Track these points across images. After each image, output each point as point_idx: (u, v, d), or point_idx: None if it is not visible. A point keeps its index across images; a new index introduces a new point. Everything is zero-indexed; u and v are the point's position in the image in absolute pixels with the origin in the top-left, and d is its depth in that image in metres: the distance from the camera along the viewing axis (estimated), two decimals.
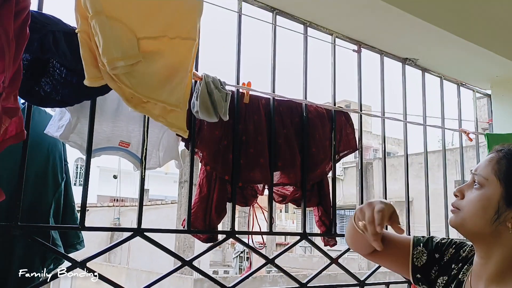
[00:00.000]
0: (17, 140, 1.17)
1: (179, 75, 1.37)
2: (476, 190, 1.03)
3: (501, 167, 1.01)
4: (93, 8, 1.18)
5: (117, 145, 1.56)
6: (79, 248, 1.63)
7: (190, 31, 1.39)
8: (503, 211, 0.97)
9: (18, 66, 1.09)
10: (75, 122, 1.45)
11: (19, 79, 1.10)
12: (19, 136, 1.17)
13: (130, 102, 1.29)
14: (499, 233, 0.98)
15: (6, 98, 1.07)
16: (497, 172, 1.01)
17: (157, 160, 1.65)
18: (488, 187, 1.01)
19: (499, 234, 0.99)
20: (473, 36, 2.26)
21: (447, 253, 1.18)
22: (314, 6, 1.93)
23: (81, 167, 20.46)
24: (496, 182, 1.00)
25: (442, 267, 1.16)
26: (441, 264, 1.17)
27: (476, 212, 1.01)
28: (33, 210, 1.48)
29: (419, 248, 1.21)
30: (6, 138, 1.14)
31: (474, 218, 1.01)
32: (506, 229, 0.97)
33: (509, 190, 0.98)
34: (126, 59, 1.21)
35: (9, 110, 1.08)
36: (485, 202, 1.00)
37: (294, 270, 10.11)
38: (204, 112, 1.53)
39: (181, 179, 10.93)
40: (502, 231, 0.98)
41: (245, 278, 1.82)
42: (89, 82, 1.22)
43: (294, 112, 1.89)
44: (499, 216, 0.97)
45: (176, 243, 10.50)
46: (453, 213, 1.06)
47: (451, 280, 1.12)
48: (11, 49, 1.05)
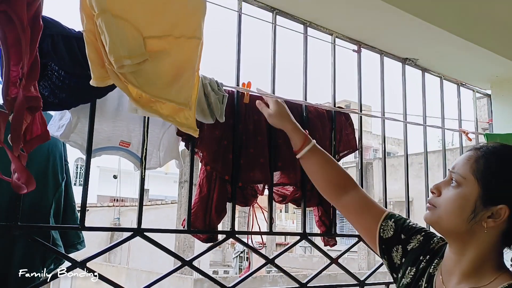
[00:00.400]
0: (42, 140, 1.16)
1: (186, 74, 1.36)
2: (453, 188, 1.03)
3: (479, 166, 1.01)
4: (98, 6, 1.18)
5: (118, 144, 1.56)
6: (79, 248, 1.63)
7: (195, 30, 1.39)
8: (480, 210, 0.98)
9: (35, 56, 1.09)
10: (76, 121, 1.45)
11: (37, 69, 1.09)
12: (45, 136, 1.16)
13: (138, 102, 1.28)
14: (474, 231, 0.99)
15: (26, 86, 1.06)
16: (475, 172, 1.01)
17: (158, 160, 1.65)
18: (466, 186, 1.01)
19: (474, 233, 0.99)
20: (473, 36, 2.26)
21: (414, 239, 1.19)
22: (314, 6, 1.93)
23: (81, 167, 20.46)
24: (474, 181, 1.00)
25: (408, 254, 1.18)
26: (407, 248, 1.19)
27: (453, 210, 1.01)
28: (34, 210, 1.47)
29: (389, 222, 1.24)
30: (34, 137, 1.13)
31: (451, 216, 1.02)
32: (481, 228, 0.98)
33: (486, 190, 0.98)
34: (133, 58, 1.20)
35: (31, 99, 1.07)
36: (462, 201, 1.00)
37: (294, 270, 10.13)
38: (200, 114, 1.53)
39: (181, 179, 10.95)
40: (477, 230, 0.99)
41: (245, 278, 1.82)
42: (96, 82, 1.21)
43: (294, 112, 1.88)
44: (475, 216, 0.98)
45: (176, 243, 10.52)
46: (429, 210, 1.07)
47: (421, 273, 1.13)
48: (26, 36, 1.04)
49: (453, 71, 2.63)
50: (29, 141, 1.12)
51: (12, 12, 1.02)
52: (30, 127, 1.12)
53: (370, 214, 1.28)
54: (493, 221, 0.97)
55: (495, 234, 0.99)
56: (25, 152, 1.11)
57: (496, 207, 0.97)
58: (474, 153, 1.04)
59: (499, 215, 0.96)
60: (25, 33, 1.04)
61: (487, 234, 0.98)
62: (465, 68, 2.59)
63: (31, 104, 1.07)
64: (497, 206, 0.96)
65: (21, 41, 1.03)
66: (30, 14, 1.07)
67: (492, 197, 0.98)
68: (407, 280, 1.15)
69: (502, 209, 0.96)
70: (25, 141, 1.11)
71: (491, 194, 0.98)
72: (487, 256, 0.99)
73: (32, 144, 1.13)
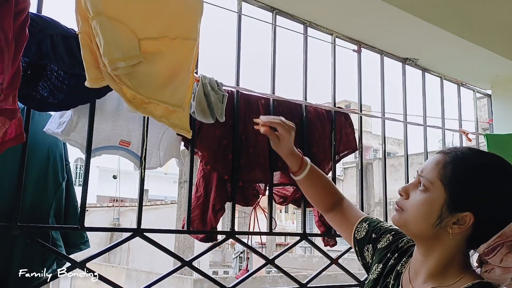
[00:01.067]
0: (16, 142, 1.17)
1: (181, 76, 1.36)
2: (421, 192, 1.03)
3: (447, 172, 1.01)
4: (93, 8, 1.18)
5: (118, 144, 1.56)
6: (83, 248, 1.61)
7: (191, 31, 1.39)
8: (445, 216, 0.98)
9: (17, 67, 1.09)
10: (76, 120, 1.45)
11: (18, 80, 1.10)
12: (19, 138, 1.17)
13: (132, 103, 1.28)
14: (439, 236, 1.00)
15: (4, 99, 1.06)
16: (443, 177, 1.01)
17: (158, 160, 1.65)
18: (433, 191, 1.01)
19: (439, 237, 1.00)
20: (473, 36, 2.26)
21: (384, 237, 1.22)
22: (314, 6, 1.93)
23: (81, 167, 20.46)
24: (441, 187, 1.00)
25: (377, 252, 1.21)
26: (376, 247, 1.22)
27: (419, 215, 1.02)
28: (34, 210, 1.47)
29: (364, 224, 1.30)
30: (6, 140, 1.13)
31: (417, 221, 1.02)
32: (447, 234, 0.99)
33: (452, 196, 0.99)
34: (127, 60, 1.20)
35: (8, 111, 1.07)
36: (428, 207, 1.01)
37: (294, 271, 10.13)
38: (200, 113, 1.53)
39: (181, 179, 10.94)
40: (442, 235, 1.00)
41: (244, 278, 1.81)
42: (90, 83, 1.22)
43: (293, 112, 1.89)
44: (441, 221, 0.99)
45: (175, 243, 10.51)
46: (397, 212, 1.07)
47: (389, 270, 1.15)
48: (10, 50, 1.04)
49: (453, 71, 2.63)
50: (0, 144, 1.11)
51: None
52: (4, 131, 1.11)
53: (351, 220, 1.34)
54: (458, 228, 0.98)
55: (460, 239, 1.00)
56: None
57: (462, 214, 0.97)
58: (443, 158, 1.04)
59: (464, 222, 0.97)
60: (9, 47, 1.03)
61: (452, 239, 0.99)
62: (465, 68, 2.59)
63: (7, 116, 1.07)
64: (463, 213, 0.97)
65: (4, 56, 1.03)
66: (17, 24, 1.07)
67: (458, 204, 0.98)
68: (374, 276, 1.17)
69: (467, 216, 0.97)
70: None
71: (457, 201, 0.98)
72: (452, 258, 1.01)
73: (3, 147, 1.13)
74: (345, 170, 17.74)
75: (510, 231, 0.93)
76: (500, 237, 0.94)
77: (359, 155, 2.21)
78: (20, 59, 1.10)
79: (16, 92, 1.10)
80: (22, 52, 1.11)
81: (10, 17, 1.05)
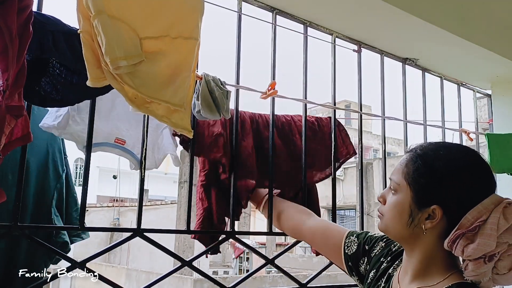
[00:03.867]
0: (23, 142, 1.17)
1: (182, 75, 1.36)
2: (392, 195, 1.06)
3: (409, 170, 1.04)
4: (95, 7, 1.18)
5: (113, 141, 1.57)
6: (84, 237, 1.68)
7: (193, 30, 1.39)
8: (416, 214, 1.01)
9: (22, 64, 1.09)
10: (73, 114, 1.47)
11: (23, 77, 1.09)
12: (26, 138, 1.17)
13: (133, 102, 1.29)
14: (417, 234, 1.02)
15: (10, 96, 1.06)
16: (406, 176, 1.03)
17: (153, 161, 1.66)
18: (401, 192, 1.04)
19: (417, 236, 1.02)
20: (473, 36, 2.26)
21: (377, 245, 1.24)
22: (314, 6, 1.93)
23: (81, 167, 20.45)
24: (406, 186, 1.03)
25: (372, 260, 1.22)
26: (371, 256, 1.23)
27: (393, 218, 1.05)
28: (37, 202, 1.53)
29: (352, 238, 1.30)
30: (13, 140, 1.13)
31: (393, 223, 1.05)
32: (423, 231, 1.01)
33: (417, 193, 1.01)
34: (129, 59, 1.20)
35: (14, 108, 1.07)
36: (399, 208, 1.03)
37: (294, 271, 10.12)
38: (206, 110, 1.52)
39: (181, 179, 10.94)
40: (419, 233, 1.02)
41: (245, 278, 1.81)
42: (92, 82, 1.22)
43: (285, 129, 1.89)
44: (413, 220, 1.01)
45: (176, 243, 10.51)
46: (379, 218, 1.10)
47: (381, 273, 1.16)
48: (14, 46, 1.04)
49: (453, 71, 2.63)
50: (7, 144, 1.11)
51: (2, 20, 1.01)
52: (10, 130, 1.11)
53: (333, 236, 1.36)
54: (430, 222, 0.99)
55: (436, 234, 1.00)
56: (1, 155, 1.10)
57: (430, 208, 0.99)
58: (405, 157, 1.07)
59: (435, 216, 0.98)
60: (13, 44, 1.03)
61: (428, 235, 1.01)
62: (466, 68, 2.59)
63: (13, 113, 1.07)
64: (430, 207, 0.99)
65: (8, 51, 1.03)
66: (21, 21, 1.07)
67: (423, 199, 1.00)
68: (368, 281, 1.19)
69: (435, 209, 0.98)
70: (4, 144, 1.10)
71: (421, 196, 1.00)
72: (433, 256, 1.02)
73: (10, 147, 1.13)
74: (345, 170, 17.73)
75: (467, 221, 0.95)
76: (459, 229, 0.95)
77: (359, 155, 2.21)
78: (24, 56, 1.10)
79: (21, 90, 1.10)
80: (27, 49, 1.11)
81: (14, 13, 1.04)
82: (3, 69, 1.04)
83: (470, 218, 0.94)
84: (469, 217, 0.94)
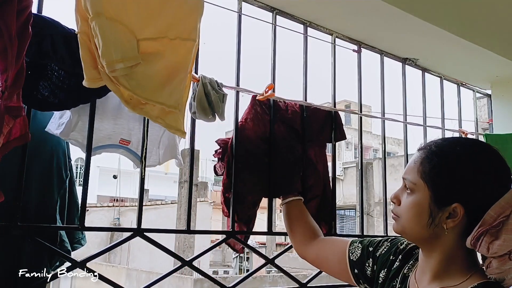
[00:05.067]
0: (21, 142, 1.17)
1: (179, 77, 1.37)
2: (408, 195, 1.03)
3: (425, 168, 1.00)
4: (93, 9, 1.18)
5: (118, 142, 1.57)
6: (83, 243, 1.66)
7: (191, 32, 1.39)
8: (436, 214, 0.97)
9: (21, 65, 1.09)
10: (76, 120, 1.45)
11: (22, 78, 1.10)
12: (24, 138, 1.17)
13: (128, 103, 1.29)
14: (437, 235, 0.99)
15: (9, 97, 1.06)
16: (422, 175, 1.00)
17: (157, 158, 1.65)
18: (418, 192, 1.00)
19: (437, 236, 0.99)
20: (473, 36, 2.26)
21: (382, 245, 1.21)
22: (314, 6, 1.93)
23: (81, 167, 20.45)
24: (424, 185, 0.99)
25: (379, 260, 1.19)
26: (376, 256, 1.20)
27: (412, 219, 1.01)
28: (40, 208, 1.49)
29: (355, 244, 1.28)
30: (11, 140, 1.13)
31: (411, 225, 1.01)
32: (443, 230, 0.98)
33: (436, 192, 0.98)
34: (126, 61, 1.21)
35: (13, 109, 1.07)
36: (417, 209, 1.00)
37: (294, 270, 10.12)
38: (201, 112, 1.53)
39: (181, 179, 10.95)
40: (439, 233, 0.98)
41: (245, 278, 1.81)
42: (88, 83, 1.22)
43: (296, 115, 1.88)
44: (433, 220, 0.98)
45: (176, 243, 10.52)
46: (394, 220, 1.06)
47: (395, 273, 1.13)
48: (13, 47, 1.04)
49: (453, 71, 2.63)
50: (5, 144, 1.11)
51: (1, 21, 1.01)
52: (9, 130, 1.11)
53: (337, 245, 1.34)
54: (452, 221, 0.96)
55: (456, 233, 0.98)
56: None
57: (451, 206, 0.96)
58: (419, 155, 1.03)
59: (456, 214, 0.96)
60: (12, 44, 1.03)
61: (450, 235, 0.98)
62: (465, 68, 2.59)
63: (12, 113, 1.07)
64: (451, 206, 0.96)
65: (8, 52, 1.03)
66: (20, 22, 1.07)
67: (443, 197, 0.97)
68: (379, 281, 1.16)
69: (456, 207, 0.95)
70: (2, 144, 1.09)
71: (441, 195, 0.97)
72: (454, 255, 0.99)
73: (7, 147, 1.12)
74: (345, 170, 17.73)
75: (490, 217, 0.92)
76: (482, 226, 0.93)
77: (359, 155, 2.21)
78: (23, 57, 1.10)
79: (20, 91, 1.10)
80: (25, 50, 1.11)
81: (13, 14, 1.04)
82: (2, 70, 1.04)
83: (493, 214, 0.92)
84: (491, 213, 0.92)
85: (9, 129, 1.10)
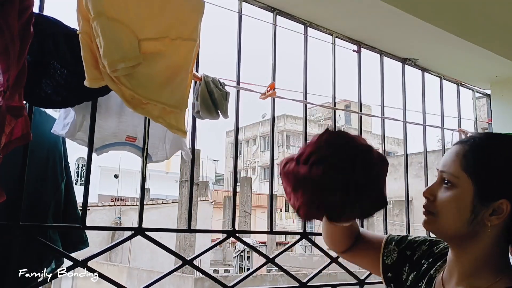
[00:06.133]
0: (23, 141, 1.17)
1: (180, 76, 1.37)
2: (447, 190, 0.95)
3: (469, 161, 0.93)
4: (94, 9, 1.19)
5: (124, 140, 1.57)
6: (82, 247, 1.62)
7: (192, 32, 1.40)
8: (479, 210, 0.91)
9: (22, 65, 1.09)
10: (81, 120, 1.46)
11: (23, 78, 1.10)
12: (25, 138, 1.17)
13: (130, 103, 1.30)
14: (476, 232, 0.93)
15: (10, 96, 1.07)
16: (466, 168, 0.92)
17: (164, 153, 1.66)
18: (460, 186, 0.93)
19: (476, 234, 0.93)
20: (473, 36, 2.27)
21: (419, 249, 1.14)
22: (314, 6, 1.94)
23: (83, 166, 20.45)
24: (467, 179, 0.92)
25: (414, 263, 1.13)
26: (413, 260, 1.13)
27: (452, 215, 0.93)
28: (32, 211, 1.47)
29: (391, 247, 1.18)
30: (12, 140, 1.14)
31: (450, 221, 0.94)
32: (485, 228, 0.91)
33: (481, 186, 0.91)
34: (127, 61, 1.21)
35: (14, 108, 1.08)
36: (459, 204, 0.92)
37: (294, 269, 10.12)
38: (205, 111, 1.54)
39: (182, 178, 10.95)
40: (480, 230, 0.92)
41: (245, 277, 1.82)
42: (89, 83, 1.23)
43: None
44: (476, 216, 0.91)
45: (177, 242, 10.53)
46: (426, 216, 0.98)
47: (422, 275, 1.07)
48: (15, 47, 1.05)
49: (452, 71, 2.63)
50: (7, 143, 1.11)
51: (3, 21, 1.02)
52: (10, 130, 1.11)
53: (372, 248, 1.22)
54: (497, 218, 0.89)
55: (499, 231, 0.92)
56: (1, 154, 1.10)
57: (496, 202, 0.89)
58: (462, 148, 0.96)
59: (502, 211, 0.89)
60: (14, 44, 1.04)
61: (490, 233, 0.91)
62: (465, 68, 2.60)
63: (13, 113, 1.08)
64: (497, 202, 0.89)
65: (9, 51, 1.03)
66: (22, 22, 1.07)
67: (490, 193, 0.90)
68: (407, 283, 1.10)
69: (503, 203, 0.89)
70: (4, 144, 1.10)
71: (487, 190, 0.90)
72: (489, 255, 0.93)
73: (9, 146, 1.13)
74: None
75: None
76: None
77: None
78: (25, 57, 1.10)
79: (21, 90, 1.11)
80: (27, 50, 1.11)
81: (15, 14, 1.05)
82: (3, 69, 1.05)
83: None
84: None
85: (10, 129, 1.11)
